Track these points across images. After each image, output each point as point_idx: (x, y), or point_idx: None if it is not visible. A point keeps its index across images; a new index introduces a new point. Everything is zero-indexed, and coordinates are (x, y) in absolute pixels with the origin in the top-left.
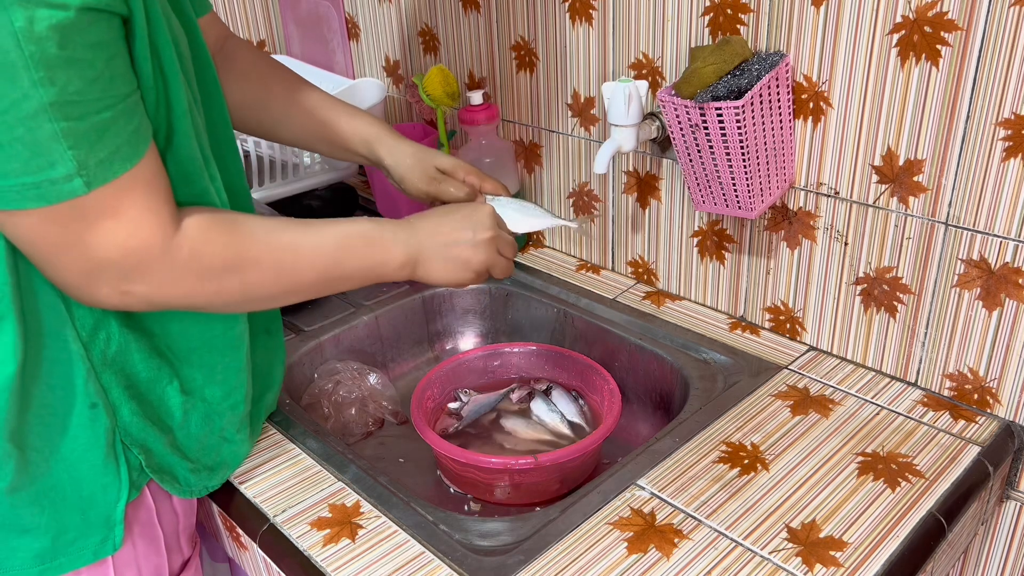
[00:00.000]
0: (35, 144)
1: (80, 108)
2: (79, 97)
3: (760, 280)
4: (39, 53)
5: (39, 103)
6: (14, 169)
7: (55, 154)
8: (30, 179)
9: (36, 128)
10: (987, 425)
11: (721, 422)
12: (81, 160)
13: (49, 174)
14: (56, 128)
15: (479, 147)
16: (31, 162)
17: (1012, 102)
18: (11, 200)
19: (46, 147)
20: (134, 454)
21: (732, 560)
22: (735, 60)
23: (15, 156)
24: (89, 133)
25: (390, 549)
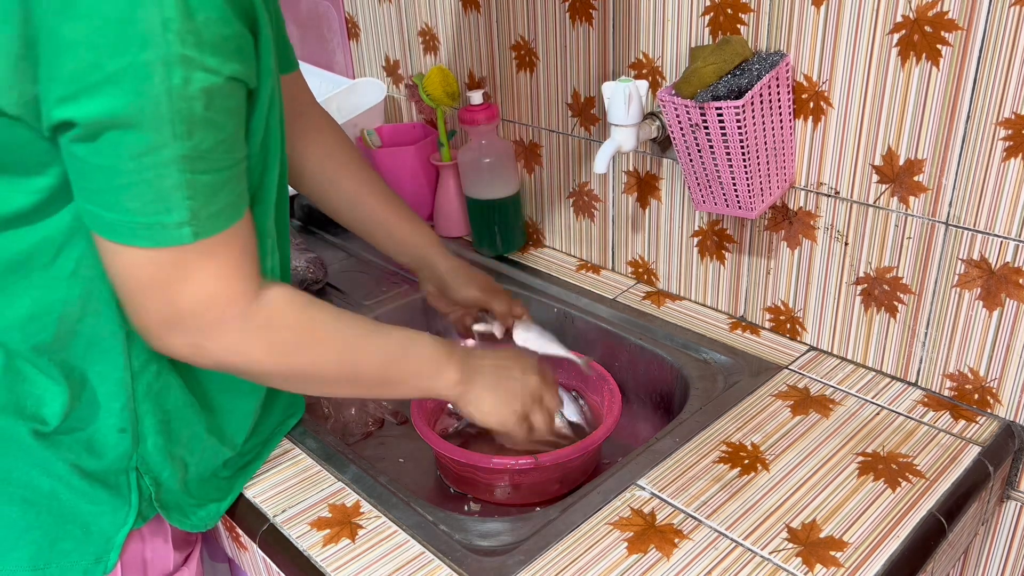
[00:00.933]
0: (159, 189)
1: (205, 164)
2: (207, 155)
3: (760, 280)
4: (187, 110)
5: (174, 154)
6: (134, 208)
7: (174, 202)
8: (145, 219)
9: (165, 175)
10: (987, 425)
11: (721, 422)
12: (195, 211)
13: (164, 219)
14: (181, 179)
15: (479, 147)
16: (151, 204)
17: (1012, 102)
18: (123, 235)
19: (168, 194)
20: (147, 484)
21: (732, 560)
22: (735, 60)
23: (138, 196)
24: (206, 188)
25: (390, 549)
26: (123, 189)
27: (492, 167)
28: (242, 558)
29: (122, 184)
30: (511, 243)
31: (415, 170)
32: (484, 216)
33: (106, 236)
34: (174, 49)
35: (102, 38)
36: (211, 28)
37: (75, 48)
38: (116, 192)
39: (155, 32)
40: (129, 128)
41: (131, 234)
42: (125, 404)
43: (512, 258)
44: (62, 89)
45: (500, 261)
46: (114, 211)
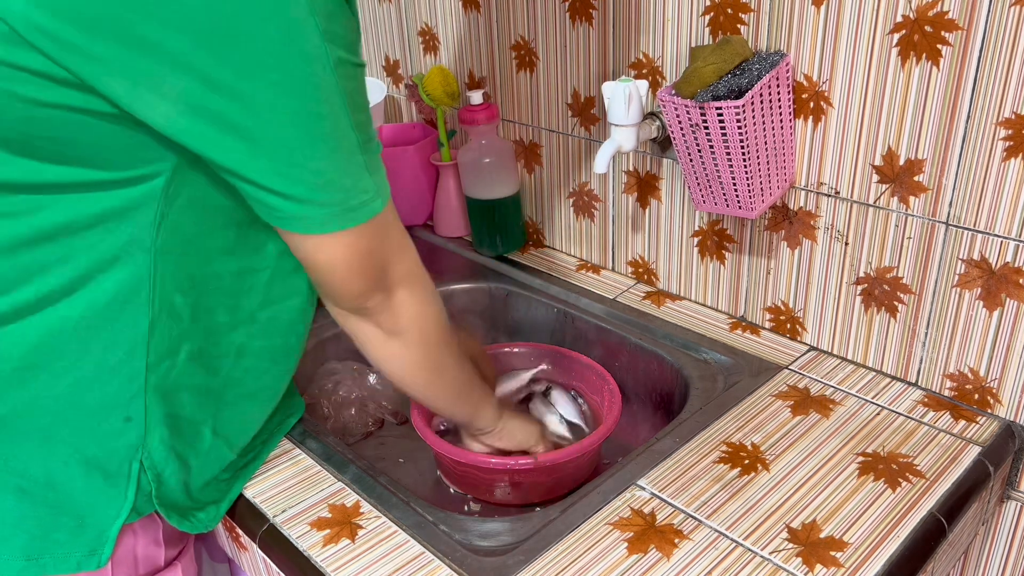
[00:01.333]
0: (354, 175)
1: (370, 143)
2: (368, 134)
3: (760, 280)
4: (351, 104)
5: (354, 143)
6: (339, 199)
7: (365, 182)
8: (351, 203)
9: (354, 163)
10: (988, 425)
11: (721, 422)
12: (377, 183)
13: (362, 198)
14: (364, 160)
15: (479, 147)
16: (353, 190)
17: (1013, 102)
18: (335, 224)
19: (360, 177)
20: (147, 479)
21: (732, 560)
22: (735, 60)
23: (341, 187)
24: (374, 162)
25: (390, 549)
26: (326, 186)
27: (492, 167)
28: (242, 558)
29: (324, 182)
30: (511, 243)
31: (415, 170)
32: (484, 216)
33: (319, 231)
34: (332, 55)
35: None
36: (347, 28)
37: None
38: (321, 190)
39: (314, 44)
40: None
41: (342, 220)
42: (135, 394)
43: (512, 258)
44: None
45: (500, 261)
46: (322, 207)
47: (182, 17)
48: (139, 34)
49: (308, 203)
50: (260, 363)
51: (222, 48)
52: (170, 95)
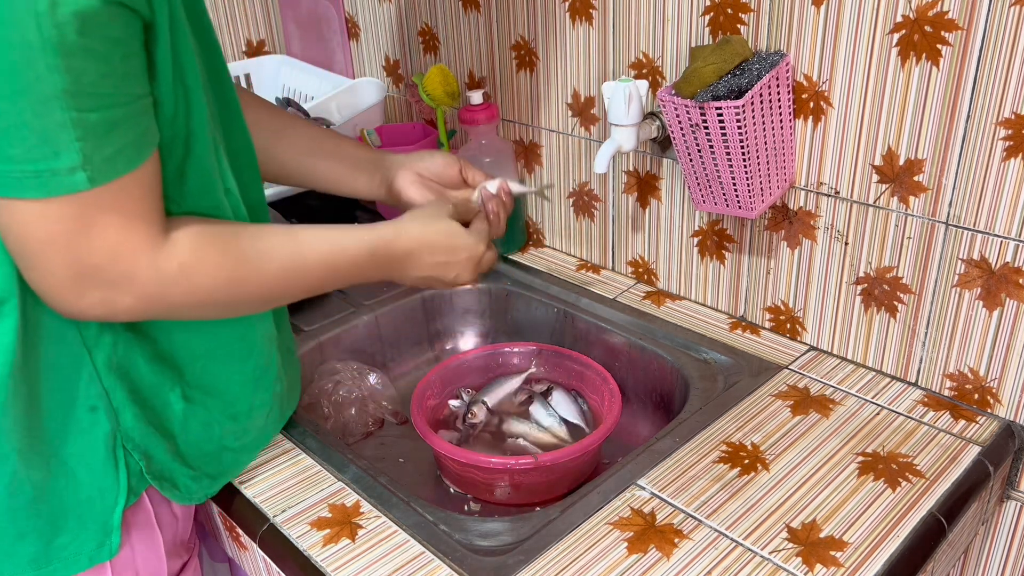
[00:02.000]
0: (43, 130)
1: (92, 101)
2: (92, 89)
3: (760, 280)
4: (58, 38)
5: (53, 89)
6: (17, 154)
7: (62, 144)
8: (32, 167)
9: (46, 114)
10: (987, 425)
11: (721, 422)
12: (87, 154)
13: (53, 164)
14: (66, 117)
15: (479, 147)
16: (36, 149)
17: (1012, 102)
18: (10, 187)
19: (54, 135)
20: (135, 459)
21: (732, 560)
22: (735, 60)
23: (21, 141)
24: (98, 127)
25: (390, 549)
26: (3, 134)
27: (492, 167)
28: (242, 558)
29: (1, 129)
30: (511, 243)
31: None
32: None
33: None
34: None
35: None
36: None
37: None
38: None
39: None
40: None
41: (18, 185)
42: (88, 380)
43: (512, 258)
44: None
45: (500, 261)
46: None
47: None
48: None
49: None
50: (194, 324)
51: None
52: None
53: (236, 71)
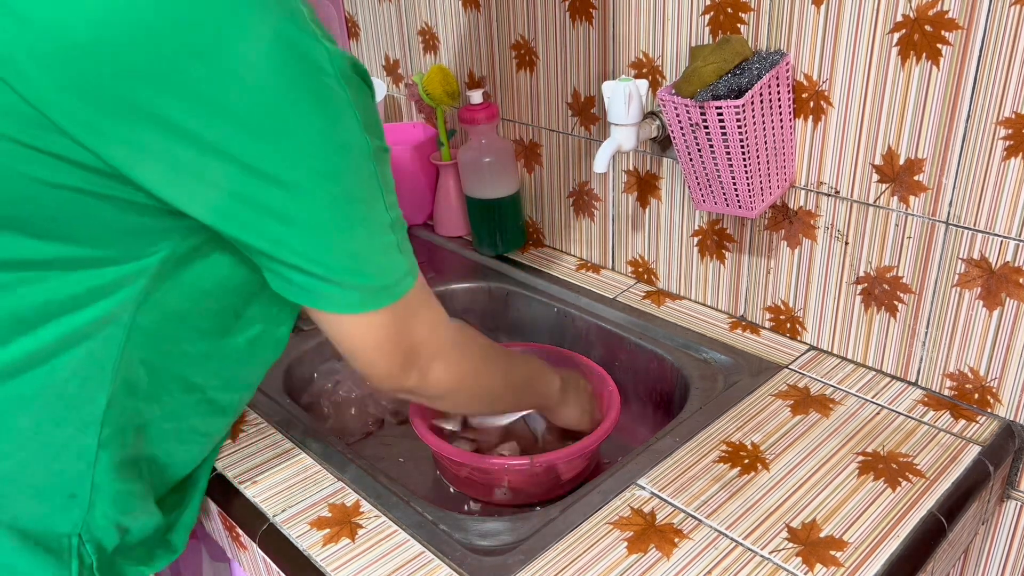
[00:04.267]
0: (387, 255)
1: (400, 223)
2: (398, 214)
3: (760, 279)
4: (385, 185)
5: (386, 223)
6: (372, 279)
7: (397, 260)
8: (383, 282)
9: (386, 243)
10: (987, 425)
11: (721, 422)
12: (408, 261)
13: (394, 276)
14: (395, 239)
15: (479, 146)
16: (385, 269)
17: (1013, 101)
18: (369, 303)
19: (392, 255)
20: (88, 551)
21: (732, 560)
22: (735, 59)
23: (374, 268)
24: (404, 240)
25: (390, 549)
26: (361, 268)
27: (492, 166)
28: (242, 558)
29: (360, 264)
30: (511, 242)
31: (415, 170)
32: (484, 215)
33: (353, 311)
34: (370, 144)
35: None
36: (375, 116)
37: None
38: (356, 272)
39: (356, 134)
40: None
41: (375, 300)
42: (83, 471)
43: (512, 258)
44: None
45: (500, 261)
46: (359, 289)
47: (226, 107)
48: (181, 123)
49: (342, 284)
50: (193, 435)
51: (266, 138)
52: (212, 182)
53: None
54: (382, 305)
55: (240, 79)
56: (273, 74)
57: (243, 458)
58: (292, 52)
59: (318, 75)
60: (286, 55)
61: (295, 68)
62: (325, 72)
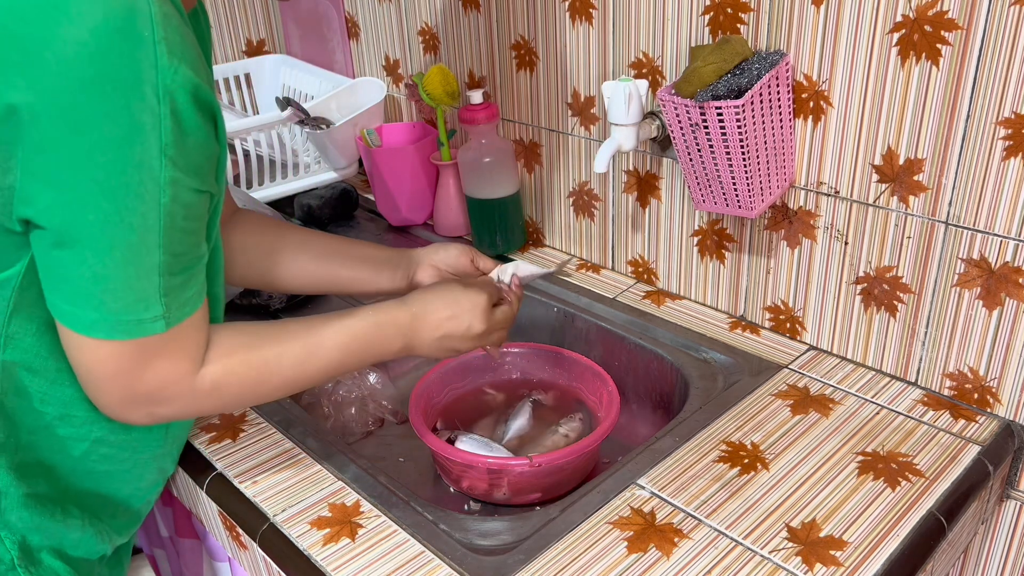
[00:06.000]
0: (141, 291)
1: (179, 266)
2: (181, 258)
3: (760, 279)
4: (169, 224)
5: (155, 261)
6: (116, 308)
7: (152, 300)
8: (126, 317)
9: (147, 280)
10: (987, 424)
11: (721, 421)
12: (168, 305)
13: (141, 315)
14: (160, 281)
15: (479, 146)
16: (133, 305)
17: (1012, 101)
18: (102, 331)
19: (148, 294)
20: (6, 547)
21: (732, 559)
22: (735, 59)
23: (122, 299)
24: (179, 285)
25: (390, 548)
26: (108, 292)
27: (492, 166)
28: (242, 557)
29: (107, 288)
30: (511, 242)
31: (415, 170)
32: (484, 215)
33: (84, 332)
34: (167, 173)
35: (102, 155)
36: (197, 151)
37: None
38: (101, 295)
39: (151, 156)
40: (119, 241)
41: (110, 330)
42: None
43: (512, 257)
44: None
45: (500, 260)
46: (97, 311)
47: (30, 96)
48: None
49: (80, 302)
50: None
51: (59, 134)
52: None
53: (236, 71)
54: (113, 337)
55: (48, 68)
56: (83, 67)
57: (243, 458)
58: (111, 48)
59: (132, 79)
60: (103, 50)
61: (108, 65)
62: (142, 79)
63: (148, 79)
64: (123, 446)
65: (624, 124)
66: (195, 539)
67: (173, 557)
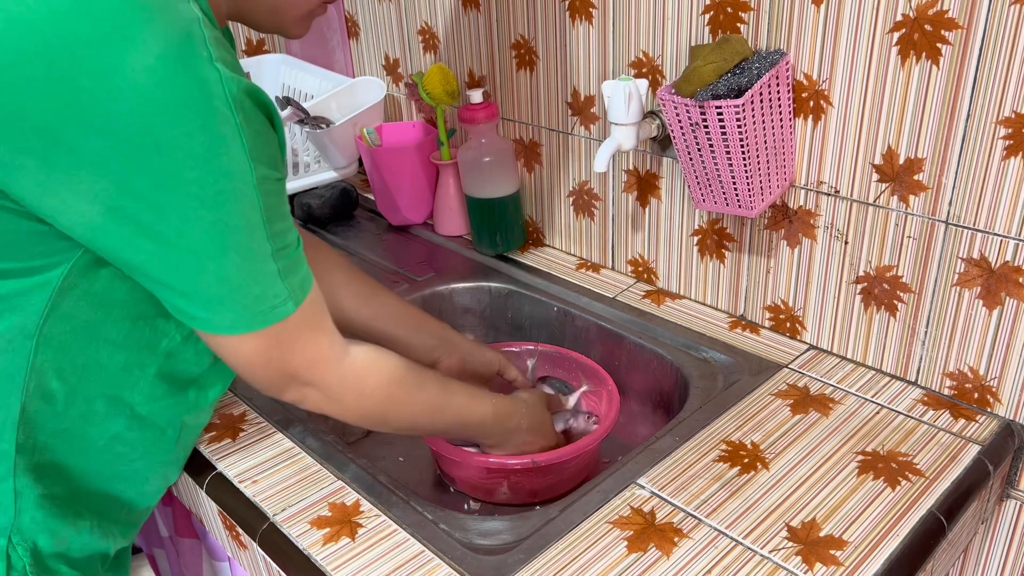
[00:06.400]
0: (264, 282)
1: (286, 249)
2: (284, 242)
3: (760, 279)
4: (268, 216)
5: (267, 251)
6: (247, 303)
7: (276, 287)
8: (259, 308)
9: (265, 270)
10: (987, 424)
11: (721, 421)
12: (290, 287)
13: (272, 303)
14: (276, 267)
15: (479, 146)
16: (261, 296)
17: (1012, 101)
18: (242, 327)
19: (271, 282)
20: (19, 555)
21: (732, 559)
22: (735, 59)
23: (250, 293)
24: (291, 266)
25: (390, 548)
26: (235, 291)
27: (492, 166)
28: (242, 557)
29: (233, 288)
30: (511, 242)
31: (415, 169)
32: (484, 215)
33: (229, 333)
34: (255, 173)
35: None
36: (269, 146)
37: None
38: (230, 296)
39: (241, 162)
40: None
41: (249, 324)
42: (4, 476)
43: (512, 257)
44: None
45: (500, 260)
46: (232, 311)
47: (105, 121)
48: (58, 133)
49: (214, 307)
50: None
51: (142, 156)
52: (85, 195)
53: None
54: (253, 329)
55: (121, 94)
56: (155, 91)
57: (243, 458)
58: (178, 71)
59: (204, 97)
60: (171, 74)
61: (179, 88)
62: (212, 95)
63: (217, 94)
64: (136, 444)
65: (624, 123)
66: (195, 539)
67: (173, 557)
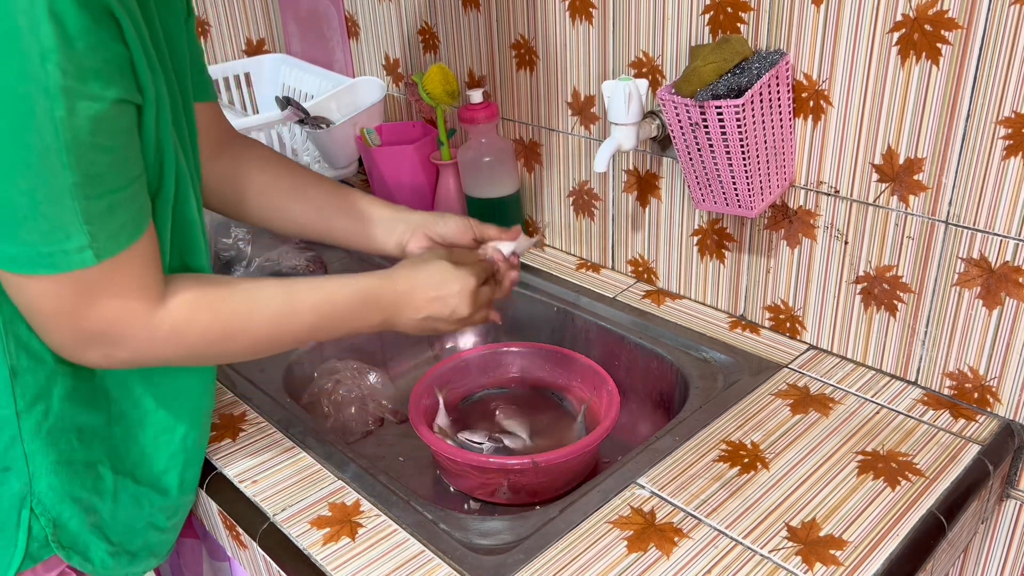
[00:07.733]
0: (56, 218)
1: (99, 188)
2: (99, 178)
3: (760, 279)
4: (72, 140)
5: (65, 183)
6: (33, 239)
7: (72, 228)
8: (46, 248)
9: (59, 204)
10: (987, 424)
11: (721, 421)
12: (94, 234)
13: (64, 245)
14: (76, 206)
15: (479, 146)
16: (49, 234)
17: (1012, 101)
18: (25, 266)
19: (65, 221)
20: (40, 525)
21: (732, 559)
22: (735, 59)
23: (36, 228)
24: (103, 210)
25: (390, 548)
26: (20, 222)
27: (492, 166)
28: (242, 557)
29: (18, 218)
30: None
31: (415, 169)
32: (484, 215)
33: (8, 269)
34: (54, 81)
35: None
36: (91, 55)
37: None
38: (13, 225)
39: (34, 64)
40: (16, 163)
41: (33, 264)
42: (9, 443)
43: None
44: None
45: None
46: (14, 244)
47: None
48: None
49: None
50: (155, 390)
51: None
52: None
53: (236, 70)
54: (37, 272)
55: None
56: None
57: (243, 457)
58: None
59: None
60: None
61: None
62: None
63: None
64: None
65: (624, 123)
66: (195, 539)
67: (173, 557)
